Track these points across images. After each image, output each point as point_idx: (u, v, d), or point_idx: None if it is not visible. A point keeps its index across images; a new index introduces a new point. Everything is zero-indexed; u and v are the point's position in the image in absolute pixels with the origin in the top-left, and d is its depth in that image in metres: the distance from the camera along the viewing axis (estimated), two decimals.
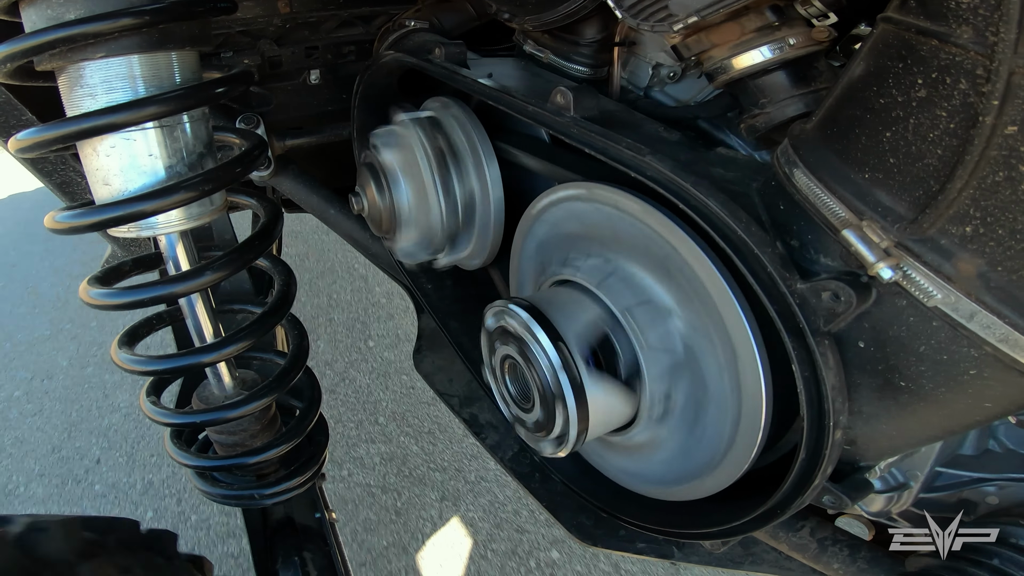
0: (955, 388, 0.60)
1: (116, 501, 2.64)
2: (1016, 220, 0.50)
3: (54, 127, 0.82)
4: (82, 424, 3.03)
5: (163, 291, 0.92)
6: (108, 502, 2.63)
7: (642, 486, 1.00)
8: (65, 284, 4.08)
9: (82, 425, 3.02)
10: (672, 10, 0.77)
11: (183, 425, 1.14)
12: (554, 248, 1.01)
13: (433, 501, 2.59)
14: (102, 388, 3.22)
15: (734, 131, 0.96)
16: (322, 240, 4.34)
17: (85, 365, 3.38)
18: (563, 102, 0.87)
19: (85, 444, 2.92)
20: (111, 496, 2.67)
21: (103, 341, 3.52)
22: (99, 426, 3.01)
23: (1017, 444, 0.85)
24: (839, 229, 0.61)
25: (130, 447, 2.88)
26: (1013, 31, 0.45)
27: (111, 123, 0.81)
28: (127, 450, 2.87)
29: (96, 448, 2.89)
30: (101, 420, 3.05)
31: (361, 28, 1.50)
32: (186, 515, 2.56)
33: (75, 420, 3.05)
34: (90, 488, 2.71)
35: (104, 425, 3.02)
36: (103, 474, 2.76)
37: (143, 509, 2.59)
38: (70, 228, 0.88)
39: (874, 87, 0.59)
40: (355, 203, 1.26)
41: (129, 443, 2.90)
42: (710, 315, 0.77)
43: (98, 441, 2.93)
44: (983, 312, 0.54)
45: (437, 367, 1.52)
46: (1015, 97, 0.47)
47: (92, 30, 0.77)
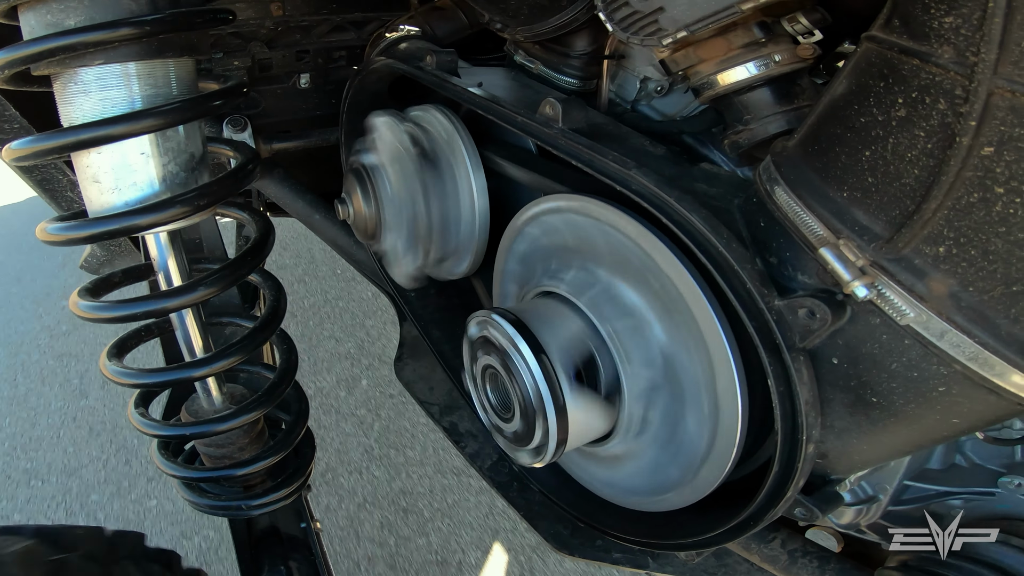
0: (925, 404, 0.61)
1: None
2: (988, 241, 0.51)
3: (50, 137, 0.82)
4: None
5: (154, 306, 0.93)
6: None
7: (618, 496, 1.00)
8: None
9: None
10: (662, 24, 0.78)
11: (172, 437, 1.15)
12: (539, 259, 1.02)
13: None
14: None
15: (718, 147, 0.97)
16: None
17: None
18: (552, 113, 0.88)
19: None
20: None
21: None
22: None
23: (983, 459, 0.87)
24: (816, 247, 0.62)
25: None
26: (994, 51, 0.46)
27: (108, 135, 0.81)
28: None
29: None
30: None
31: (353, 33, 1.50)
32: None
33: None
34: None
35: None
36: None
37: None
38: (63, 240, 0.88)
39: (855, 106, 0.60)
40: (341, 209, 1.26)
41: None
42: (689, 329, 0.78)
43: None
44: (953, 331, 0.55)
45: (418, 375, 1.52)
46: (992, 118, 0.48)
47: (93, 39, 0.77)
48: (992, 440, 0.83)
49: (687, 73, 0.86)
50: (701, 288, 0.74)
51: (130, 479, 2.69)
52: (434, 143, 1.17)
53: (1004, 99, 0.47)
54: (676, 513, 0.92)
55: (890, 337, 0.61)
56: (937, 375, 0.59)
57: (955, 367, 0.57)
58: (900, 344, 0.60)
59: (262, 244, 1.02)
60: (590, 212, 0.87)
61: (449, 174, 1.16)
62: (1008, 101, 0.47)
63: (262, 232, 1.05)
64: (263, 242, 1.03)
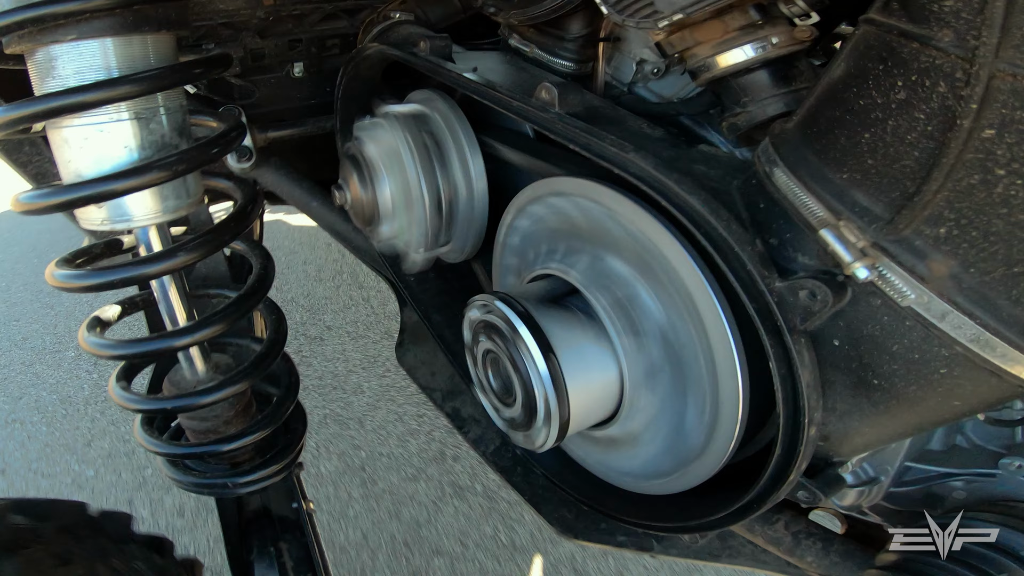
0: (926, 386, 0.61)
1: None
2: (989, 223, 0.51)
3: (21, 106, 0.78)
4: None
5: (134, 272, 0.89)
6: None
7: (622, 479, 1.01)
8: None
9: None
10: (658, 7, 0.77)
11: (154, 411, 1.11)
12: (538, 242, 1.01)
13: None
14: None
15: (715, 128, 0.96)
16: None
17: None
18: (548, 98, 0.87)
19: None
20: None
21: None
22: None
23: (984, 440, 0.87)
24: (817, 228, 0.62)
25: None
26: (995, 35, 0.46)
27: (81, 102, 0.78)
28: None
29: None
30: None
31: (346, 21, 1.48)
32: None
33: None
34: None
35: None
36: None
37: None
38: (37, 208, 0.84)
39: (854, 88, 0.59)
40: (338, 196, 1.25)
41: None
42: (690, 312, 0.78)
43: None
44: (955, 312, 0.55)
45: (420, 360, 1.52)
46: (994, 101, 0.48)
47: (63, 10, 0.74)
48: (993, 422, 0.84)
49: (684, 55, 0.85)
50: (701, 270, 0.74)
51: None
52: (430, 128, 1.17)
53: (1006, 83, 0.47)
54: (680, 496, 0.92)
55: (891, 319, 0.61)
56: (938, 357, 0.59)
57: (956, 349, 0.57)
58: (901, 326, 0.60)
59: (247, 210, 0.99)
60: (588, 194, 0.87)
61: (448, 158, 1.15)
62: (1010, 84, 0.46)
63: (247, 198, 1.01)
64: (248, 208, 0.99)
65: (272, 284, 1.07)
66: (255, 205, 1.01)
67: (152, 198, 0.88)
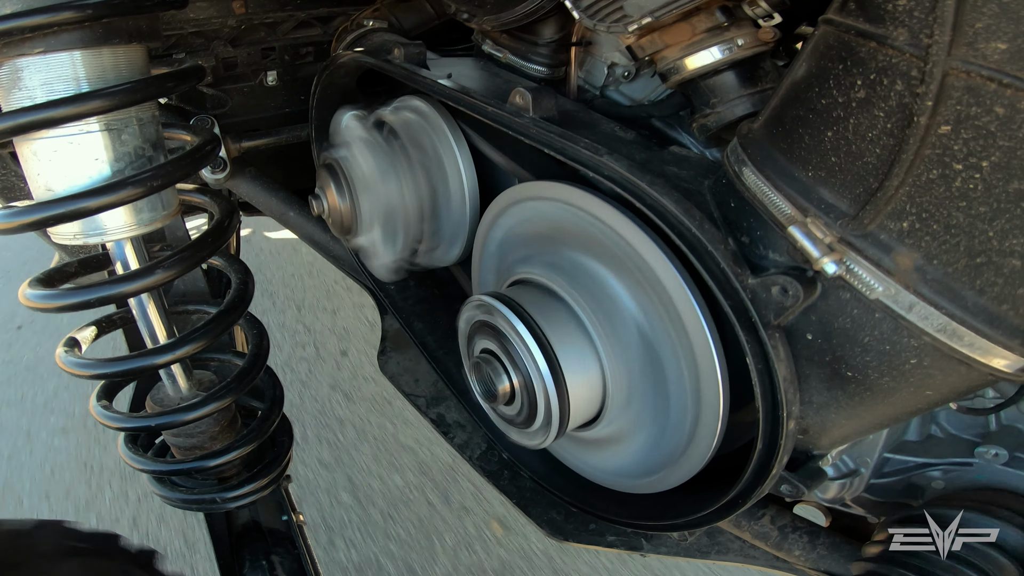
0: (898, 377, 0.63)
1: None
2: (950, 215, 0.53)
3: None
4: None
5: (111, 291, 0.88)
6: None
7: (609, 480, 1.01)
8: None
9: None
10: (627, 11, 0.78)
11: (136, 429, 1.10)
12: (515, 247, 1.02)
13: None
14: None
15: (686, 129, 0.97)
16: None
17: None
18: (522, 103, 0.88)
19: None
20: None
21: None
22: None
23: (958, 429, 0.89)
24: (785, 226, 0.63)
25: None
26: (947, 34, 0.47)
27: (50, 118, 0.77)
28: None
29: None
30: None
31: (319, 29, 1.48)
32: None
33: None
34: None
35: None
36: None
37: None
38: (8, 228, 0.83)
39: (816, 88, 0.61)
40: (315, 205, 1.25)
41: None
42: (668, 311, 0.79)
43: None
44: (921, 303, 0.56)
45: (403, 368, 1.52)
46: (948, 98, 0.49)
47: (30, 23, 0.73)
48: (966, 410, 0.85)
49: (654, 58, 0.87)
50: (677, 269, 0.75)
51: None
52: (416, 130, 1.17)
53: (959, 79, 0.48)
54: (667, 494, 0.93)
55: (861, 311, 0.62)
56: (908, 348, 0.60)
57: (925, 339, 0.58)
58: (871, 318, 0.61)
59: (225, 225, 0.98)
60: (563, 198, 0.88)
61: (435, 159, 1.14)
62: (963, 81, 0.48)
63: (224, 213, 1.00)
64: (225, 223, 0.98)
65: (252, 298, 1.07)
66: (232, 219, 1.01)
67: (126, 211, 0.88)
